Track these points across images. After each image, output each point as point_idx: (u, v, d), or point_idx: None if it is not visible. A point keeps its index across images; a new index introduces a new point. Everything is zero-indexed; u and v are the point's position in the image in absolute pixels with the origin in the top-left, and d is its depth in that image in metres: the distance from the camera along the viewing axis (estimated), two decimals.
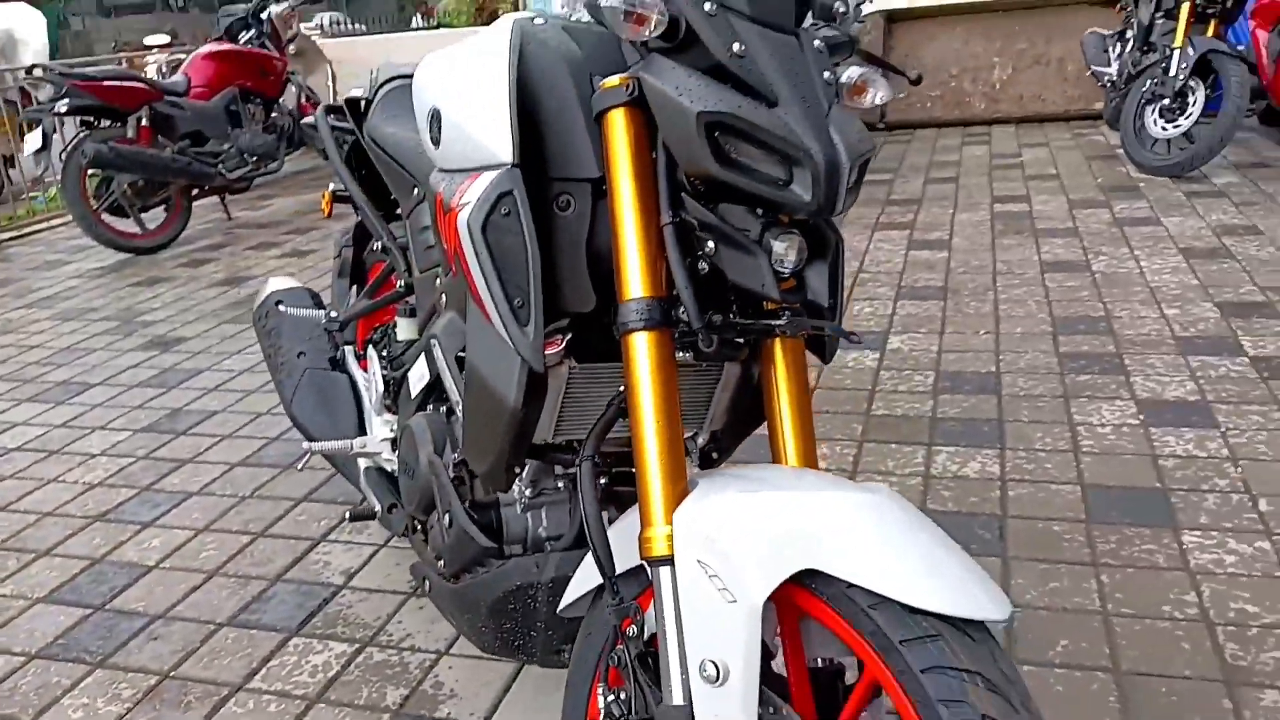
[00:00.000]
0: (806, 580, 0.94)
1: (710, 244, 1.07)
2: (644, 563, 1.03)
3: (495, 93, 1.14)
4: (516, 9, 10.61)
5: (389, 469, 1.85)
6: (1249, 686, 1.62)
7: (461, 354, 1.38)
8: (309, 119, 2.12)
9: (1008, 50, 6.91)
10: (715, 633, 0.96)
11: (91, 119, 5.37)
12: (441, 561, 1.49)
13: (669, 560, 1.00)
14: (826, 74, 1.03)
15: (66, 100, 5.19)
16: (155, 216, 5.61)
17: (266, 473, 2.71)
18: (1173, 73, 4.90)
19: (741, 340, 1.16)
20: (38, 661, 1.99)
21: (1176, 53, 4.90)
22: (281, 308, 2.10)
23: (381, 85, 1.88)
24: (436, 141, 1.26)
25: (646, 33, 1.00)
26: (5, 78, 7.05)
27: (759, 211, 1.06)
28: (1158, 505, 2.15)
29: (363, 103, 1.93)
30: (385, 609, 2.05)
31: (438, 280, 1.59)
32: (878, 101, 1.13)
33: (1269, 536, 2.01)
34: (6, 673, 1.96)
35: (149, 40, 7.57)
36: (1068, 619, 1.82)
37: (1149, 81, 5.06)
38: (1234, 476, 2.23)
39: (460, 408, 1.35)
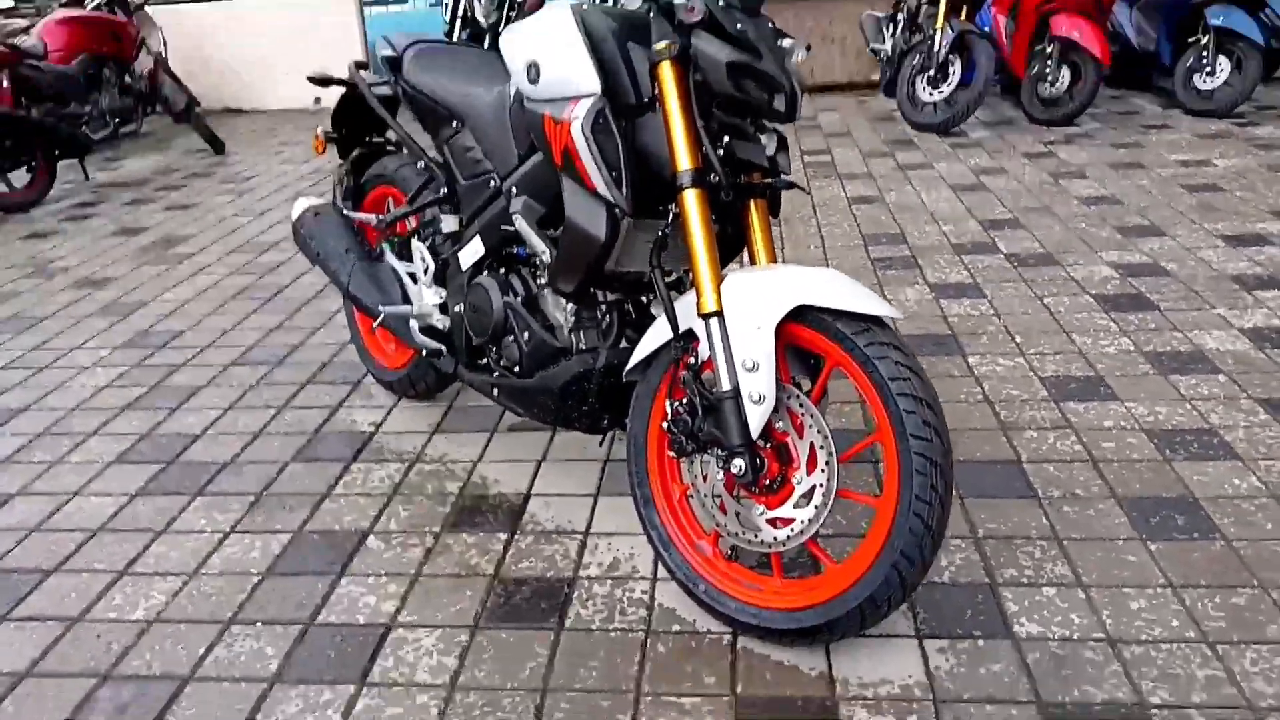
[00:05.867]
0: (795, 317, 1.73)
1: (725, 138, 1.84)
2: (701, 317, 1.79)
3: (577, 49, 1.87)
4: None
5: (438, 326, 2.50)
6: (1014, 430, 2.57)
7: (540, 222, 2.09)
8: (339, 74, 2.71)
9: (800, 30, 7.98)
10: (750, 346, 1.73)
11: None
12: (517, 367, 2.21)
13: (719, 313, 1.77)
14: (780, 42, 1.83)
15: None
16: (19, 177, 5.76)
17: (262, 369, 3.25)
18: (936, 49, 6.06)
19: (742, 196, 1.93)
20: (140, 499, 2.52)
21: (938, 34, 6.06)
22: (318, 216, 2.71)
23: (408, 47, 2.52)
24: (534, 81, 1.96)
25: (694, 18, 1.76)
26: None
27: (749, 119, 1.84)
28: (950, 342, 3.11)
29: (390, 61, 2.56)
30: (417, 442, 2.70)
31: (492, 181, 2.27)
32: (801, 58, 1.94)
33: (1022, 355, 3.00)
34: (119, 507, 2.48)
35: None
36: None
37: (917, 56, 6.21)
38: (998, 324, 3.23)
39: (548, 255, 2.06)
